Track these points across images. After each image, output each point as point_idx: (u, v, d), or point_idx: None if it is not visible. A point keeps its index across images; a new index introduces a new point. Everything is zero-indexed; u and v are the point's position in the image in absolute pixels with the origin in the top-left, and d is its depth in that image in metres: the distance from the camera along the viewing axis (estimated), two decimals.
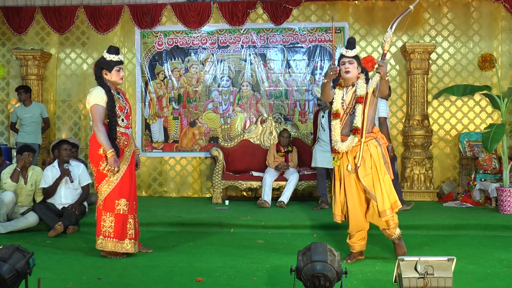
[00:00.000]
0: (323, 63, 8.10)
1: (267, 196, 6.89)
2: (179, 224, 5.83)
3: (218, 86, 8.22)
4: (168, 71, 8.26)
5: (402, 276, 2.83)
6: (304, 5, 8.09)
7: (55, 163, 5.82)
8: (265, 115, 8.06)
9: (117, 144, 4.30)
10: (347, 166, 4.16)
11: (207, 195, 8.14)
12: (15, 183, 5.71)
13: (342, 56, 4.22)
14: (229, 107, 8.22)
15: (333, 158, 4.28)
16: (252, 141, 7.91)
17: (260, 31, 8.18)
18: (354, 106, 4.15)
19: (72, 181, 5.72)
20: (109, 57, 4.31)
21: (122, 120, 4.37)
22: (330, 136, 6.63)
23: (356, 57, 4.20)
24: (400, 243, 4.30)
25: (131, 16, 8.18)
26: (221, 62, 8.21)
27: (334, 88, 4.31)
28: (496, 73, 7.49)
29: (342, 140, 4.19)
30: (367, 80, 4.20)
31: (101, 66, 4.32)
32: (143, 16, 8.16)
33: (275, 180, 7.07)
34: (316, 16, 8.15)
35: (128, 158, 4.42)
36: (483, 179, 7.10)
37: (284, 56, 8.16)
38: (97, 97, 4.25)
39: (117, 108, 4.31)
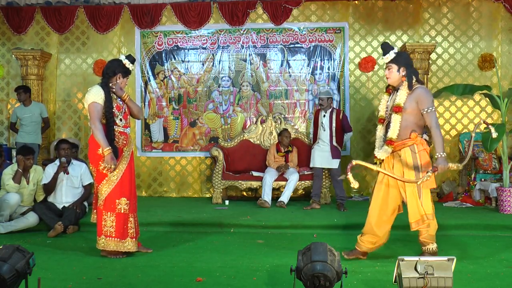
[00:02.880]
0: (323, 63, 8.10)
1: (267, 196, 6.89)
2: (179, 224, 5.83)
3: (218, 86, 8.22)
4: (168, 71, 8.26)
5: (402, 276, 2.83)
6: (304, 5, 8.09)
7: (57, 161, 5.85)
8: (265, 115, 8.06)
9: (116, 144, 4.32)
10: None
11: (207, 195, 8.14)
12: (17, 184, 5.72)
13: None
14: (229, 107, 8.22)
15: (376, 163, 4.23)
16: (252, 141, 7.91)
17: (260, 31, 8.18)
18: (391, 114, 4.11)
19: (67, 173, 5.75)
20: (128, 65, 4.43)
21: (120, 119, 4.39)
22: (330, 136, 6.72)
23: (393, 61, 4.07)
24: None
25: (131, 16, 8.18)
26: (221, 62, 8.21)
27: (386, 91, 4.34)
28: (496, 73, 7.49)
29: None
30: (410, 85, 4.04)
31: (119, 69, 4.40)
32: (143, 16, 8.16)
33: (275, 180, 7.07)
34: (316, 16, 8.15)
35: (127, 157, 4.43)
36: (483, 179, 7.10)
37: (284, 56, 8.16)
38: (95, 95, 4.29)
39: (114, 107, 4.34)
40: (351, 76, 8.11)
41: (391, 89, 4.25)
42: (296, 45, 8.15)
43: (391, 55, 4.07)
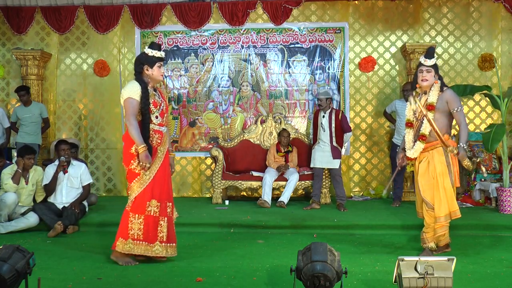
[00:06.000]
0: (323, 63, 8.10)
1: (267, 196, 6.89)
2: (179, 224, 5.79)
3: (218, 86, 8.22)
4: (168, 71, 8.25)
5: (402, 276, 2.83)
6: (304, 5, 8.09)
7: (57, 161, 5.86)
8: (265, 115, 8.05)
9: (149, 142, 4.12)
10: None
11: (207, 195, 8.14)
12: (16, 185, 5.72)
13: (420, 64, 4.38)
14: (229, 107, 8.21)
15: (408, 163, 4.52)
16: (252, 141, 7.91)
17: (260, 31, 8.18)
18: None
19: (66, 172, 5.76)
20: (152, 52, 4.17)
21: (156, 117, 4.18)
22: (331, 137, 6.74)
23: (433, 66, 4.35)
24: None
25: (131, 16, 8.17)
26: (221, 62, 8.21)
27: (413, 90, 4.58)
28: (496, 73, 7.49)
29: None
30: (442, 87, 4.34)
31: (143, 61, 4.18)
32: (143, 16, 8.16)
33: (275, 180, 7.07)
34: (316, 16, 8.14)
35: (161, 157, 4.22)
36: (483, 179, 7.10)
37: (284, 56, 8.16)
38: (131, 91, 4.10)
39: (151, 104, 4.14)
40: (351, 76, 8.10)
41: (417, 94, 4.49)
42: (296, 45, 8.14)
43: (434, 60, 4.35)
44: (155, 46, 4.23)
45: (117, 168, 8.18)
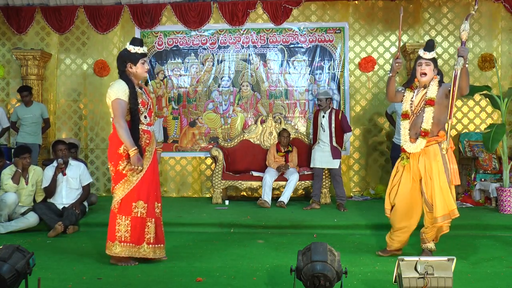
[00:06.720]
0: (323, 63, 8.10)
1: (267, 196, 6.89)
2: (179, 224, 5.83)
3: (218, 86, 8.22)
4: (168, 71, 8.26)
5: (402, 276, 2.83)
6: (304, 5, 8.09)
7: (55, 162, 5.83)
8: (265, 115, 8.06)
9: (139, 143, 4.03)
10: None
11: (207, 195, 8.14)
12: (16, 185, 5.72)
13: (419, 57, 4.23)
14: (229, 107, 8.21)
15: (402, 157, 4.31)
16: (252, 141, 7.91)
17: (260, 31, 8.18)
18: (422, 108, 4.19)
19: (64, 174, 5.74)
20: (134, 49, 4.06)
21: (145, 117, 4.09)
22: (330, 137, 6.73)
23: (433, 60, 4.20)
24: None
25: (131, 16, 8.18)
26: (221, 62, 8.21)
27: (406, 89, 4.38)
28: (496, 73, 7.49)
29: (411, 141, 4.23)
30: (440, 82, 4.22)
31: (125, 59, 4.06)
32: (143, 16, 8.16)
33: (275, 180, 7.07)
34: (316, 16, 8.15)
35: (149, 157, 4.13)
36: (483, 179, 7.10)
37: (284, 56, 8.16)
38: (118, 91, 3.96)
39: (139, 103, 4.04)
40: (351, 76, 8.11)
41: (414, 87, 4.33)
42: (296, 45, 8.15)
43: (434, 53, 4.20)
44: (137, 42, 4.10)
45: None
